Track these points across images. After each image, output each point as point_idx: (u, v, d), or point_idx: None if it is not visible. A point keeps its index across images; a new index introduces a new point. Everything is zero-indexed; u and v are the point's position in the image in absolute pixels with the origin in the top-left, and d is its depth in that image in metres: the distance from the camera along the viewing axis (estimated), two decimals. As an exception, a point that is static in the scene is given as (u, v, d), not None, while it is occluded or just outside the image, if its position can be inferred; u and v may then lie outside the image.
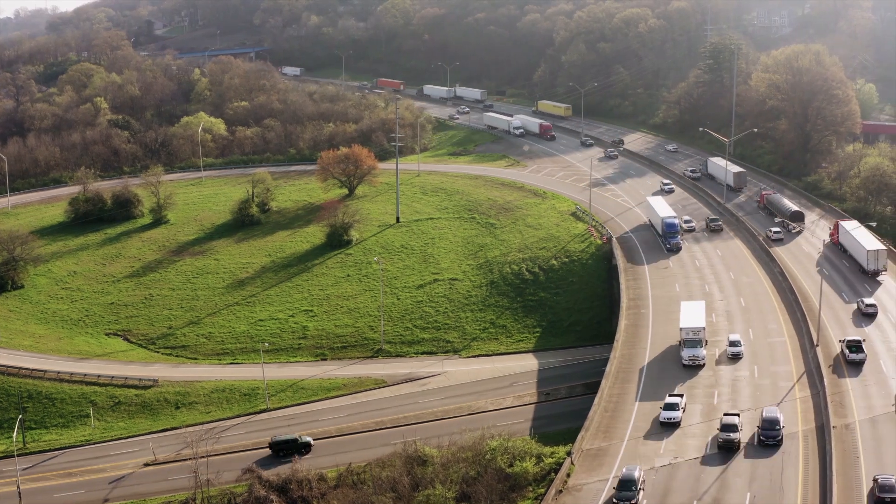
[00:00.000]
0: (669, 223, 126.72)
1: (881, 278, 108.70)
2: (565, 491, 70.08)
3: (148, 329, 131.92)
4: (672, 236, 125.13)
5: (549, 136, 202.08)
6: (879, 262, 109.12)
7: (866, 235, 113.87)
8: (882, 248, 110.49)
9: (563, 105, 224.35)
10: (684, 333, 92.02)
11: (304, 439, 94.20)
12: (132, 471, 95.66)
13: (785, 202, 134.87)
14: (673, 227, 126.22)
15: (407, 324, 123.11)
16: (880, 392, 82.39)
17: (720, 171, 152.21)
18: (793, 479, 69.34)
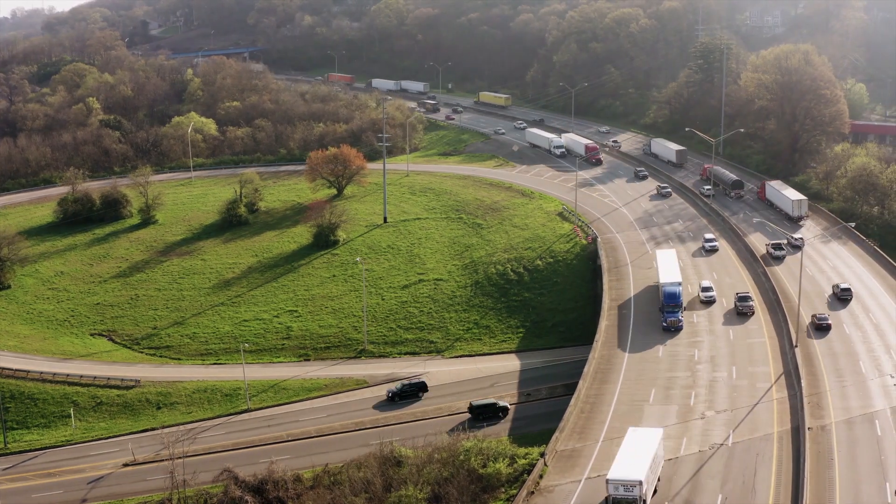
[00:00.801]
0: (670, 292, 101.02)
1: (803, 223, 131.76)
2: (537, 492, 69.89)
3: (133, 329, 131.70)
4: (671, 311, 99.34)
5: (595, 159, 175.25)
6: (802, 210, 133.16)
7: (790, 189, 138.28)
8: (804, 199, 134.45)
9: (503, 95, 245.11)
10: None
11: (502, 404, 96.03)
12: (111, 471, 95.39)
13: (726, 173, 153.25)
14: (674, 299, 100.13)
15: (391, 324, 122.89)
16: (857, 393, 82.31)
17: (663, 150, 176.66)
18: (765, 481, 69.18)
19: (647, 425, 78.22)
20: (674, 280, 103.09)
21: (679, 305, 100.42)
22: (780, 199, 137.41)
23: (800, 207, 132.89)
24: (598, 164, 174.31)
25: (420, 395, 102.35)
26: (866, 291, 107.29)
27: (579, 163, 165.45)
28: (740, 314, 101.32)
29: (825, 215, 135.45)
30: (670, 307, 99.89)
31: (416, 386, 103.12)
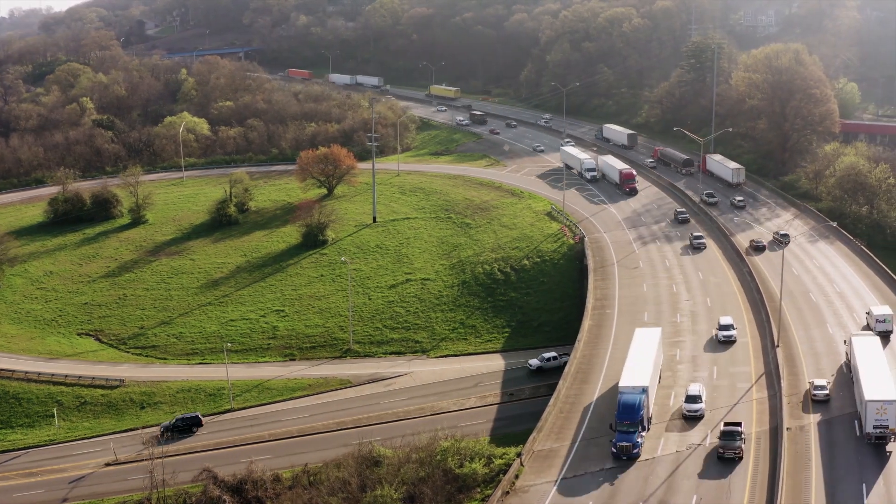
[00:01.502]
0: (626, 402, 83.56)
1: (741, 188, 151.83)
2: (512, 492, 69.65)
3: (120, 329, 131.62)
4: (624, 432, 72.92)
5: (630, 188, 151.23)
6: (740, 177, 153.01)
7: (728, 160, 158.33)
8: (741, 167, 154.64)
9: (452, 88, 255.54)
10: None
11: None
12: (93, 471, 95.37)
13: (677, 153, 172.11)
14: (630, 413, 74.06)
15: (377, 324, 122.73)
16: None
17: (614, 135, 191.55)
18: (741, 481, 68.87)
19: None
20: (636, 384, 75.67)
21: (638, 422, 72.58)
22: (721, 170, 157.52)
23: (737, 175, 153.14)
24: (633, 194, 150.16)
25: (194, 429, 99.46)
26: (851, 291, 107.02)
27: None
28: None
29: (813, 215, 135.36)
30: (624, 425, 72.35)
31: (190, 420, 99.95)
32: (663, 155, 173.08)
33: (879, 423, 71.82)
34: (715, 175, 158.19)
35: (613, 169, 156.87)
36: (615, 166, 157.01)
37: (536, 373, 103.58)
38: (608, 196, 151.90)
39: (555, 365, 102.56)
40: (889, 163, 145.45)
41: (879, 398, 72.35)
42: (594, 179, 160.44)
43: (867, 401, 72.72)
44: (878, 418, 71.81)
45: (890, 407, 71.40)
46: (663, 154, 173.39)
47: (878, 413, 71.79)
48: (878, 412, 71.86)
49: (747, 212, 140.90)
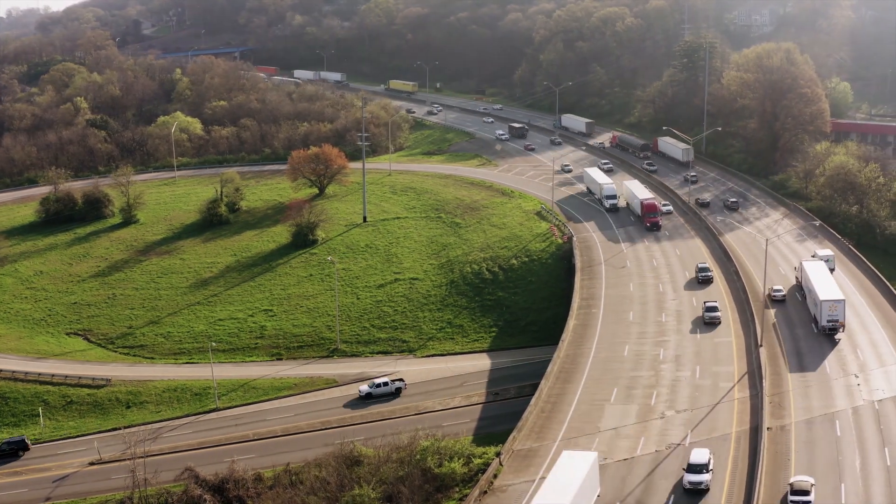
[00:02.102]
0: None
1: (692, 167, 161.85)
2: (490, 492, 69.55)
3: (108, 329, 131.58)
4: None
5: (652, 222, 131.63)
6: (689, 156, 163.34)
7: (679, 143, 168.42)
8: (690, 148, 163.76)
9: (410, 83, 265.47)
10: None
11: None
12: (77, 470, 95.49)
13: (634, 139, 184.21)
14: None
15: (365, 323, 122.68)
16: (820, 393, 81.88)
17: (573, 123, 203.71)
18: (720, 481, 68.70)
19: (606, 426, 78.22)
20: None
21: None
22: (672, 150, 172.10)
23: (687, 154, 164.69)
24: (656, 228, 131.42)
25: (20, 453, 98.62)
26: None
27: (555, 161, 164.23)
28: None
29: (803, 214, 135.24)
30: None
31: (16, 444, 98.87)
32: (622, 141, 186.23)
33: (831, 318, 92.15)
34: (666, 155, 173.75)
35: (635, 198, 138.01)
36: (637, 195, 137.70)
37: (367, 398, 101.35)
38: (626, 231, 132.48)
39: (385, 391, 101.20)
40: (879, 162, 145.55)
41: (831, 298, 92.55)
42: (614, 209, 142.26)
43: (821, 301, 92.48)
44: (829, 314, 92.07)
45: (839, 305, 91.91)
46: (621, 140, 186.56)
47: (830, 310, 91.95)
48: (830, 309, 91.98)
49: (739, 213, 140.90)
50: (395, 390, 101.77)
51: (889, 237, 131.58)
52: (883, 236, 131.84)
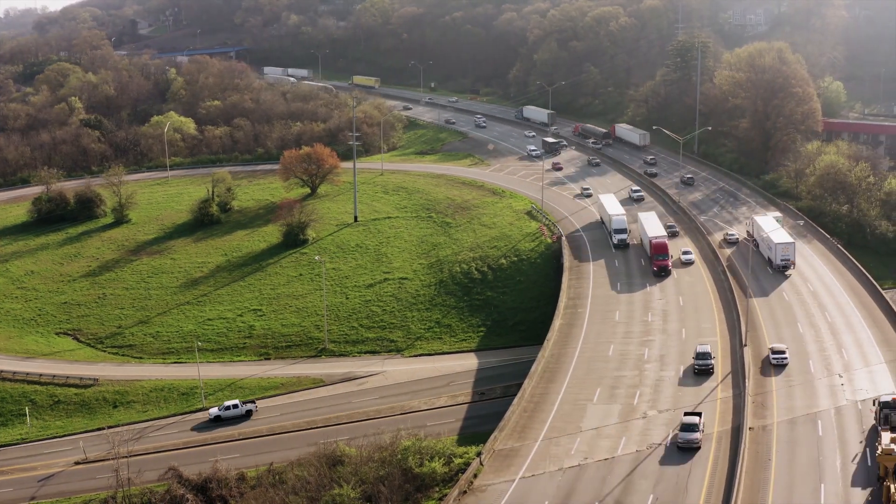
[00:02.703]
0: None
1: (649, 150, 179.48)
2: (470, 491, 69.61)
3: (98, 328, 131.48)
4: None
5: (660, 265, 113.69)
6: (646, 140, 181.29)
7: (636, 129, 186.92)
8: (646, 133, 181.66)
9: (373, 78, 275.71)
10: None
11: None
12: (62, 469, 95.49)
13: (595, 128, 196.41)
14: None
15: (353, 323, 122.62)
16: (803, 393, 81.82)
17: (535, 114, 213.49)
18: (699, 481, 68.79)
19: (588, 425, 78.20)
20: None
21: None
22: (629, 136, 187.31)
23: (644, 139, 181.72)
24: (664, 274, 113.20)
25: None
26: (825, 290, 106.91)
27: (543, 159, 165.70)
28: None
29: (793, 213, 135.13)
30: None
31: None
32: (584, 130, 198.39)
33: (784, 257, 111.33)
34: (624, 140, 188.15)
35: (646, 234, 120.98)
36: (648, 231, 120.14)
37: (216, 421, 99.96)
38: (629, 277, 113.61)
39: (235, 414, 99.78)
40: (870, 161, 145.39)
41: (783, 241, 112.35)
42: (623, 245, 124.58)
43: (776, 243, 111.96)
44: (782, 255, 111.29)
45: (790, 246, 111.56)
46: (584, 129, 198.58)
47: (783, 251, 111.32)
48: (783, 251, 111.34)
49: (727, 211, 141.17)
50: (246, 413, 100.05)
51: (879, 237, 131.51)
52: (873, 236, 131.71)
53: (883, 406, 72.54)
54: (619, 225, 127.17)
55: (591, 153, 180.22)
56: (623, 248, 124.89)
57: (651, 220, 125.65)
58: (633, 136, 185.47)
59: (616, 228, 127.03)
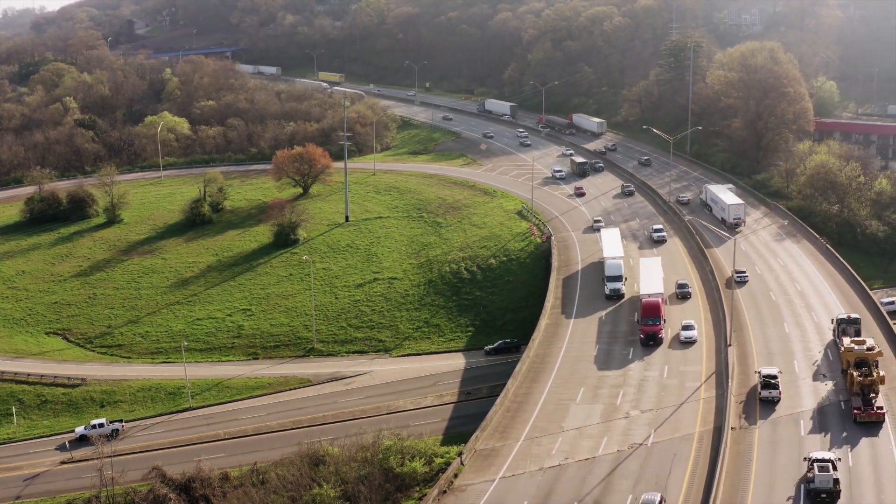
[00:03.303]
0: None
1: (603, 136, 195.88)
2: (450, 491, 69.50)
3: (88, 328, 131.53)
4: None
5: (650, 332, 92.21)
6: (603, 128, 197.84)
7: (592, 117, 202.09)
8: (603, 121, 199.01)
9: (338, 74, 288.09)
10: None
11: None
12: (48, 469, 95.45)
13: (558, 119, 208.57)
14: None
15: (342, 323, 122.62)
16: (787, 392, 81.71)
17: (497, 107, 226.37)
18: (679, 481, 68.66)
19: (570, 425, 78.11)
20: None
21: None
22: (587, 124, 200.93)
23: (601, 126, 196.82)
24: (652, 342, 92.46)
25: None
26: (812, 290, 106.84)
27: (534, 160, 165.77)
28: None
29: (783, 213, 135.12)
30: None
31: None
32: (548, 121, 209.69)
33: (736, 216, 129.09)
34: (582, 128, 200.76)
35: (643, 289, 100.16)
36: (644, 285, 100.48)
37: (81, 440, 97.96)
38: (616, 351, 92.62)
39: (101, 433, 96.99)
40: (861, 161, 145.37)
41: (735, 202, 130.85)
42: (616, 295, 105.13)
43: (728, 205, 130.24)
44: (735, 214, 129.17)
45: (741, 207, 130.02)
46: (548, 120, 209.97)
47: (735, 211, 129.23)
48: (735, 211, 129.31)
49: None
50: (112, 432, 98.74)
51: (869, 236, 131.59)
52: (863, 235, 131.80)
53: (840, 322, 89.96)
54: (614, 270, 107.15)
55: (626, 178, 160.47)
56: (615, 300, 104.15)
57: (651, 268, 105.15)
58: (590, 125, 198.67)
59: (611, 275, 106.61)
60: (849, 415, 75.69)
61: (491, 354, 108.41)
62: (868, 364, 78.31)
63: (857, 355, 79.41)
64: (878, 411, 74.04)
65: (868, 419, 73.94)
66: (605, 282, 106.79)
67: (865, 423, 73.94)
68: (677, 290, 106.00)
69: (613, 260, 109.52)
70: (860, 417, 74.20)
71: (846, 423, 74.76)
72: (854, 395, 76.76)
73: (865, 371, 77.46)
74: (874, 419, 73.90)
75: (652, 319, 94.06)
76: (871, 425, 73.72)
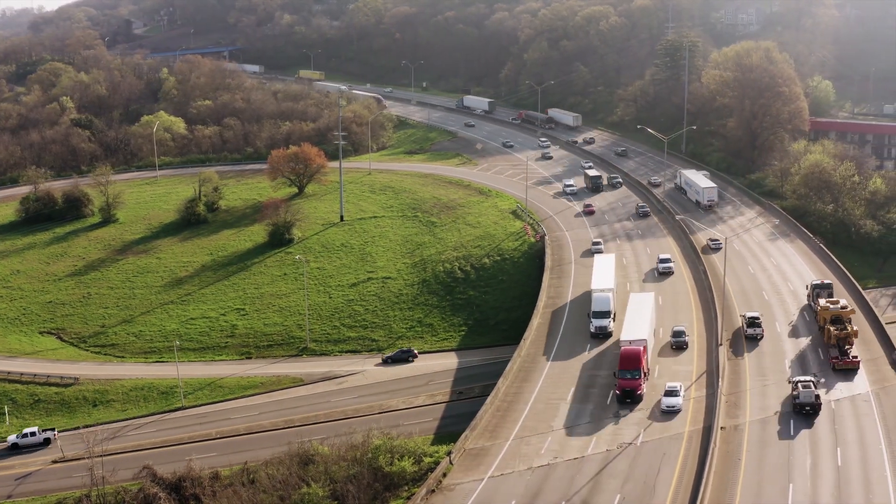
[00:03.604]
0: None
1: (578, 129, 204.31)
2: (438, 490, 69.49)
3: (81, 327, 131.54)
4: None
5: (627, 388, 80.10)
6: (579, 122, 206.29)
7: (567, 112, 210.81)
8: (579, 115, 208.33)
9: (318, 72, 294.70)
10: None
11: None
12: (39, 468, 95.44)
13: (538, 114, 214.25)
14: None
15: (335, 322, 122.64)
16: (778, 392, 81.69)
17: (475, 103, 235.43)
18: (667, 480, 68.62)
19: (560, 425, 78.00)
20: None
21: None
22: (562, 118, 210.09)
23: (576, 120, 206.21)
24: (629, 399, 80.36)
25: None
26: (804, 290, 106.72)
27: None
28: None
29: (777, 213, 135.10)
30: None
31: None
32: (527, 116, 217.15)
33: (710, 198, 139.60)
34: (560, 122, 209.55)
35: None
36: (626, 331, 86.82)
37: (13, 448, 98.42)
38: None
39: (33, 441, 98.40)
40: (856, 160, 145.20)
41: (708, 185, 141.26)
42: (602, 335, 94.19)
43: (703, 188, 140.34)
44: (709, 196, 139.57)
45: (714, 190, 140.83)
46: (527, 115, 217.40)
47: (709, 194, 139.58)
48: (709, 193, 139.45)
49: (712, 210, 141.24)
50: (44, 440, 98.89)
51: (864, 236, 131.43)
52: (858, 235, 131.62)
53: (814, 287, 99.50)
54: (600, 305, 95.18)
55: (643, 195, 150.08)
56: (601, 339, 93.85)
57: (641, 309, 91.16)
58: (567, 119, 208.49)
59: (596, 310, 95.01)
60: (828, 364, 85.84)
61: (388, 364, 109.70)
62: (843, 320, 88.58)
63: (832, 313, 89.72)
64: (853, 360, 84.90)
65: (845, 367, 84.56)
66: (591, 318, 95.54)
67: (843, 369, 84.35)
68: (672, 340, 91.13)
69: (602, 293, 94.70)
70: (838, 365, 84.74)
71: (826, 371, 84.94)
72: (831, 346, 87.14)
73: (841, 326, 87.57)
74: (850, 366, 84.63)
75: (630, 372, 79.67)
76: (848, 371, 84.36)
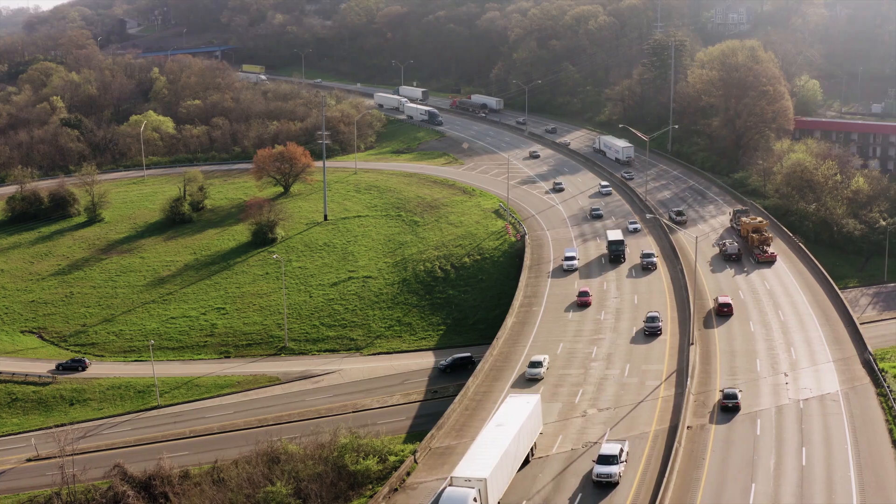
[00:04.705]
0: None
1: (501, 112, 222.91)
2: (401, 489, 69.59)
3: (63, 326, 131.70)
4: None
5: None
6: (500, 105, 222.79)
7: (490, 97, 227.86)
8: (501, 99, 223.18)
9: (258, 66, 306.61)
10: None
11: None
12: (13, 466, 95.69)
13: (471, 101, 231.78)
14: None
15: (315, 321, 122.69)
16: (747, 391, 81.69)
17: (409, 92, 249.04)
18: (629, 479, 68.65)
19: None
20: None
21: None
22: (489, 102, 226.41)
23: (498, 104, 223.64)
24: None
25: None
26: (781, 288, 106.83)
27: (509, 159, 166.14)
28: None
29: (759, 212, 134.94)
30: None
31: None
32: (462, 103, 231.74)
33: (627, 156, 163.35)
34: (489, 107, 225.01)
35: None
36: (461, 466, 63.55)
37: None
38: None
39: None
40: (840, 160, 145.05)
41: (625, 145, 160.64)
42: None
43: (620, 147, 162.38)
44: (626, 154, 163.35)
45: (629, 149, 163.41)
46: (462, 102, 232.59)
47: (626, 151, 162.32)
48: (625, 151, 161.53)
49: (694, 209, 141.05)
50: None
51: (846, 235, 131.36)
52: (840, 234, 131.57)
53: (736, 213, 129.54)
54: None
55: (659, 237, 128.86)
56: None
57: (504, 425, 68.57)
58: (491, 102, 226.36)
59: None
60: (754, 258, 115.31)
61: None
62: (761, 230, 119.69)
63: (752, 226, 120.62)
64: (771, 254, 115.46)
65: (766, 259, 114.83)
66: None
67: (764, 261, 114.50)
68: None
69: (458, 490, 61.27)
70: (761, 258, 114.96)
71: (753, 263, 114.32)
72: (755, 247, 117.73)
73: (760, 234, 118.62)
74: (769, 259, 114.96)
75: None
76: (768, 262, 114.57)
